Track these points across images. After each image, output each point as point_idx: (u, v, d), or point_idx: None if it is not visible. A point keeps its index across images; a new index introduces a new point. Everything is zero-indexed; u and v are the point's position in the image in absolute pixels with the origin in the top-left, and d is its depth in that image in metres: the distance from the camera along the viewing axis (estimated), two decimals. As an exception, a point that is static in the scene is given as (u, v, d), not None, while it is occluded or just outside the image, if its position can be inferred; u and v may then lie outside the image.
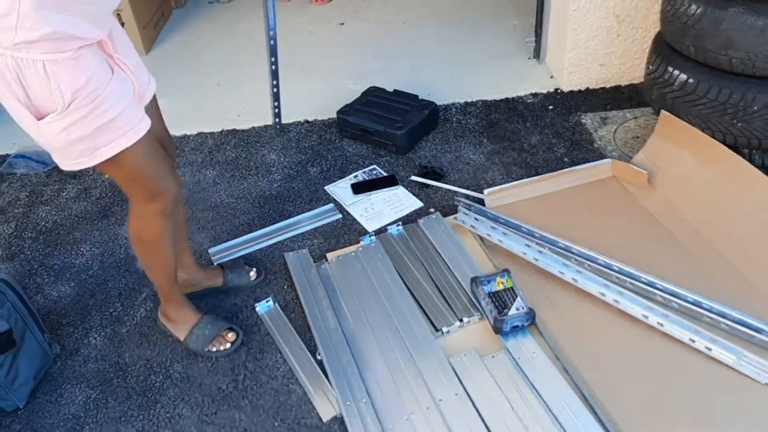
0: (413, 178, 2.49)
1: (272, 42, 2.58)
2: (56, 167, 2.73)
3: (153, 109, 1.68)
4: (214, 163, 2.69)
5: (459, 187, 2.42)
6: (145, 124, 1.49)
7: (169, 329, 1.92)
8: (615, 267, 1.96)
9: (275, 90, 2.73)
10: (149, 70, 1.67)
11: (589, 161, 2.44)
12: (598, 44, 2.89)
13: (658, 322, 1.79)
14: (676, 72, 2.24)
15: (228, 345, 1.88)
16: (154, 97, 1.69)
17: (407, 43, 3.52)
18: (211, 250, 2.24)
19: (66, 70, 1.32)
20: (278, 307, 2.00)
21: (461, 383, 1.70)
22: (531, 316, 1.81)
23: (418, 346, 1.81)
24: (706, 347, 1.72)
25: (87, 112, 1.36)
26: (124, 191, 1.64)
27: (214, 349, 1.87)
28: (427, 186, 2.45)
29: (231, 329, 1.91)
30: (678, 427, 1.59)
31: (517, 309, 1.81)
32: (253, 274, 2.09)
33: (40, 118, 1.35)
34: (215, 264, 2.15)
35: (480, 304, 1.87)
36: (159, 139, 1.69)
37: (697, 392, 1.65)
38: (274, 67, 2.66)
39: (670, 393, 1.66)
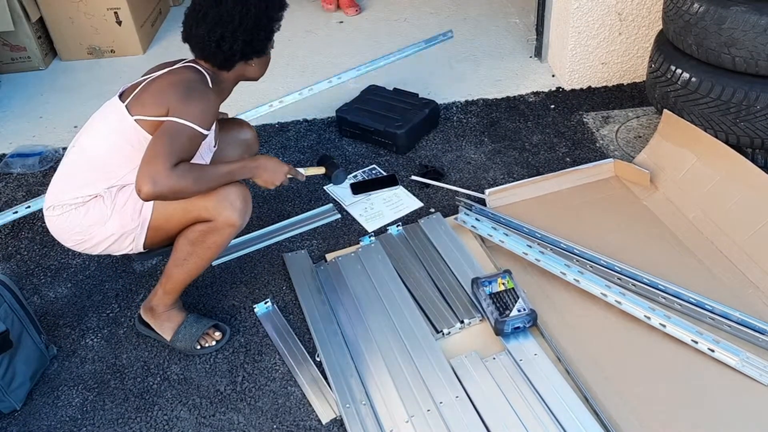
0: (413, 177, 2.47)
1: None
2: (52, 167, 2.72)
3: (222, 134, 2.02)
4: (213, 163, 2.67)
5: (460, 186, 2.40)
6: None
7: (153, 328, 1.90)
8: (617, 267, 1.94)
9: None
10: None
11: (591, 161, 2.43)
12: (599, 42, 2.87)
13: (660, 323, 1.77)
14: (679, 71, 2.23)
15: (213, 342, 1.88)
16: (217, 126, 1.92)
17: (407, 41, 3.50)
18: (209, 251, 2.22)
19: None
20: (277, 308, 1.99)
21: (462, 385, 1.69)
22: (532, 317, 1.79)
23: (418, 348, 1.79)
24: (709, 348, 1.71)
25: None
26: None
27: (198, 347, 1.87)
28: (428, 186, 2.44)
29: (217, 327, 1.91)
30: (680, 429, 1.57)
31: (519, 310, 1.79)
32: None
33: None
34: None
35: (481, 305, 1.86)
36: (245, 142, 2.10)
37: (699, 393, 1.64)
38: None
39: (672, 394, 1.64)
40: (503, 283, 1.87)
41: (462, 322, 1.86)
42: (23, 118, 3.11)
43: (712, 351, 1.70)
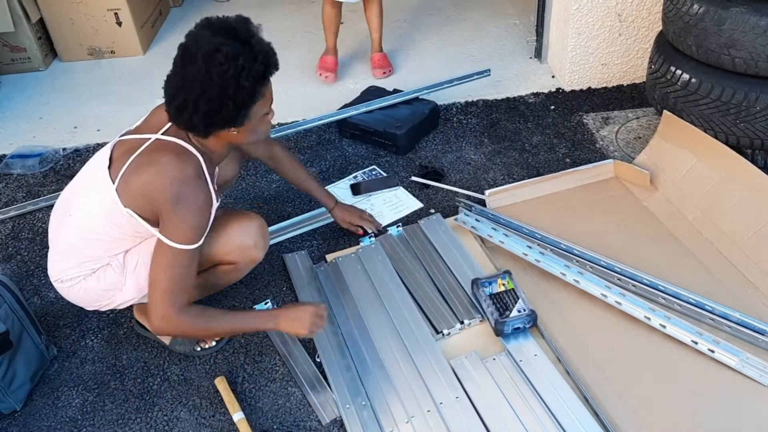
0: (413, 178, 2.47)
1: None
2: (52, 167, 2.72)
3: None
4: (213, 163, 2.67)
5: (460, 187, 2.41)
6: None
7: (150, 333, 1.89)
8: (617, 268, 1.94)
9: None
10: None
11: (591, 162, 2.43)
12: (599, 43, 2.87)
13: (660, 324, 1.77)
14: (679, 72, 2.23)
15: (213, 343, 1.88)
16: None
17: (407, 42, 3.51)
18: (209, 251, 2.22)
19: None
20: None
21: (462, 386, 1.69)
22: (532, 317, 1.79)
23: (418, 349, 1.79)
24: (709, 349, 1.71)
25: None
26: None
27: (198, 349, 1.87)
28: (428, 186, 2.44)
29: None
30: (680, 429, 1.57)
31: (519, 311, 1.79)
32: None
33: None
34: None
35: (481, 305, 1.86)
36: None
37: (699, 394, 1.64)
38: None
39: (672, 395, 1.64)
40: (503, 284, 1.87)
41: (462, 322, 1.86)
42: (23, 118, 3.11)
43: (712, 351, 1.70)
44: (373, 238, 2.17)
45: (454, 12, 3.78)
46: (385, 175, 2.52)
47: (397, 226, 2.21)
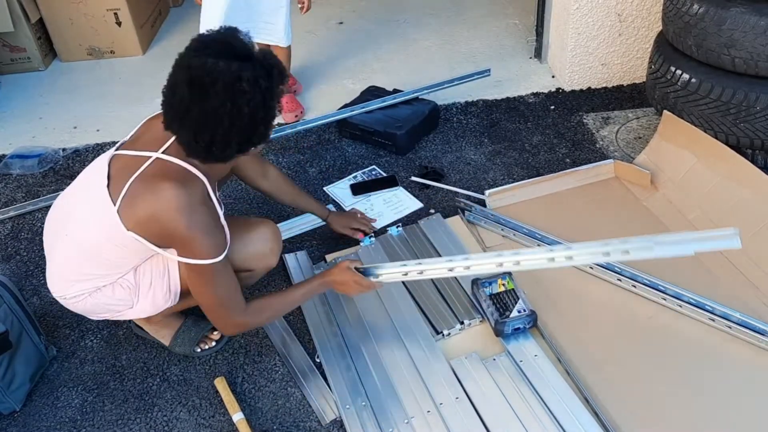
0: (413, 178, 2.47)
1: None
2: (52, 168, 2.72)
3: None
4: (213, 164, 2.66)
5: (460, 187, 2.40)
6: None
7: (149, 334, 1.89)
8: (617, 268, 1.94)
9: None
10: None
11: (591, 162, 2.43)
12: (599, 43, 2.87)
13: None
14: (679, 72, 2.23)
15: (213, 344, 1.88)
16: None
17: (407, 42, 3.51)
18: (209, 251, 2.22)
19: None
20: (277, 309, 1.99)
21: (462, 386, 1.68)
22: (533, 318, 1.79)
23: (418, 349, 1.79)
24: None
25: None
26: None
27: (199, 350, 1.86)
28: (428, 187, 2.44)
29: (215, 328, 1.90)
30: (680, 429, 1.57)
31: (519, 311, 1.79)
32: None
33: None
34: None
35: (481, 306, 1.85)
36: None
37: (700, 394, 1.64)
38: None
39: (672, 395, 1.64)
40: (503, 284, 1.86)
41: (462, 323, 1.85)
42: (23, 118, 3.11)
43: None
44: (373, 238, 2.17)
45: (454, 12, 3.78)
46: (385, 175, 2.52)
47: (397, 226, 2.21)
